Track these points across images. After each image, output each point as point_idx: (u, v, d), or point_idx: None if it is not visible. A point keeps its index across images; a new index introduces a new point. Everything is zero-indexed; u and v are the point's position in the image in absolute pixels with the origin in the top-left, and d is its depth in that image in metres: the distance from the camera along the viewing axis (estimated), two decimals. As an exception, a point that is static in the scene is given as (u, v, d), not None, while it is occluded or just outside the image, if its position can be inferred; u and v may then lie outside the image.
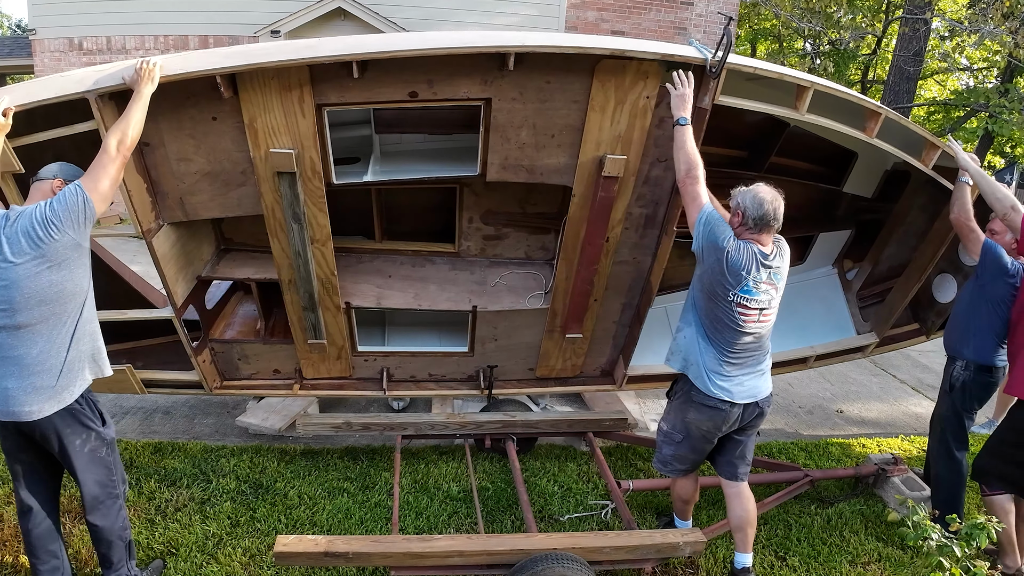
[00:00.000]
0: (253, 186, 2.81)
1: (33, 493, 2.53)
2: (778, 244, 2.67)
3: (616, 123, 2.77)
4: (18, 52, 11.76)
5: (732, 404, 2.71)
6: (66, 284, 2.31)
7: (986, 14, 11.13)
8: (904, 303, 3.98)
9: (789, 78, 2.83)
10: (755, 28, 18.45)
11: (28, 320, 2.26)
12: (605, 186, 2.89)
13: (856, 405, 5.48)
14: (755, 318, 2.61)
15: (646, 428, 4.68)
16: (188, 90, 2.53)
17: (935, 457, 3.52)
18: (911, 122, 3.23)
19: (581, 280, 3.25)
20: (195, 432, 4.36)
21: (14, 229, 2.24)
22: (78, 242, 2.31)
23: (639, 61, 2.62)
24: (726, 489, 2.96)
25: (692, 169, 2.60)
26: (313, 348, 3.46)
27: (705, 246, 2.58)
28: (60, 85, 2.47)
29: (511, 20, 10.09)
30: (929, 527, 2.34)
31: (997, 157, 18.48)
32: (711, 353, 2.70)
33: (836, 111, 3.00)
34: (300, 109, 2.59)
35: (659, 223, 3.19)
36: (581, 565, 2.62)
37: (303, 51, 2.47)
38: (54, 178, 2.43)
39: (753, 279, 2.55)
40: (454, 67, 2.58)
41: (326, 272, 3.14)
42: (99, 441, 2.52)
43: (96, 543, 2.65)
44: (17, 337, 2.27)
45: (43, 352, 2.31)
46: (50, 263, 2.25)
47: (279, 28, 9.30)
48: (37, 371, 2.31)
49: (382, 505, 3.56)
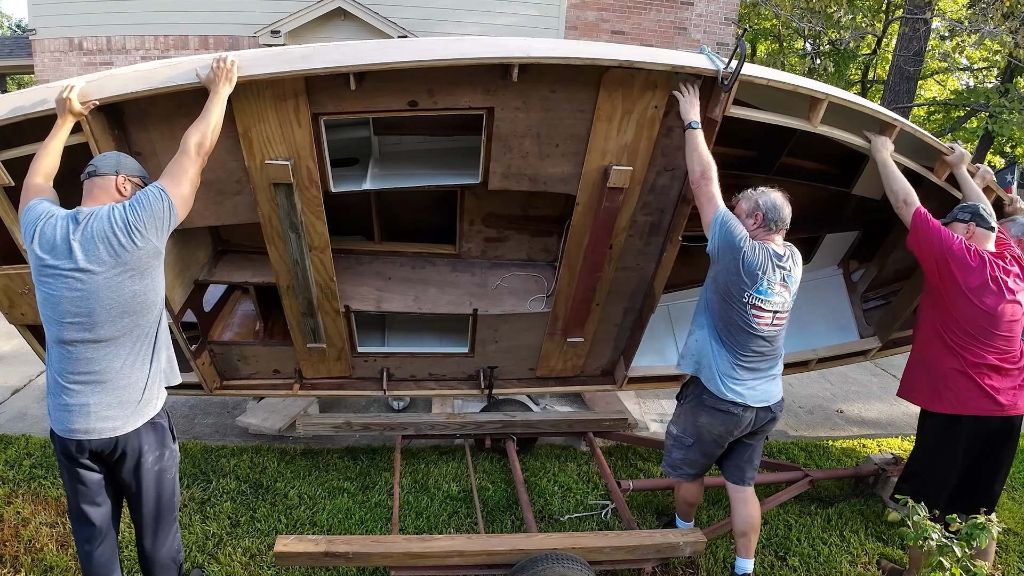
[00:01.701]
0: (249, 195, 2.75)
1: (99, 516, 2.34)
2: (790, 249, 2.69)
3: (623, 133, 2.71)
4: (18, 52, 11.74)
5: (745, 408, 2.70)
6: (148, 294, 2.16)
7: (986, 14, 11.13)
8: (909, 310, 3.95)
9: (803, 90, 2.75)
10: (755, 28, 18.44)
11: (111, 334, 2.12)
12: (610, 196, 2.84)
13: (856, 405, 5.48)
14: (769, 320, 2.62)
15: (646, 428, 4.68)
16: (179, 99, 2.45)
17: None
18: (924, 133, 3.15)
19: (584, 287, 3.22)
20: (195, 432, 4.36)
21: (89, 233, 2.06)
22: (159, 249, 2.17)
23: (648, 71, 2.55)
24: (732, 493, 2.95)
25: (706, 171, 2.58)
26: (313, 352, 3.45)
27: (720, 246, 2.57)
28: (44, 98, 2.38)
29: (511, 20, 10.08)
30: (929, 527, 2.34)
31: (997, 157, 18.46)
32: (724, 356, 2.69)
33: (850, 122, 2.95)
34: (296, 119, 2.52)
35: (664, 231, 3.16)
36: (581, 565, 2.63)
37: (297, 62, 2.38)
38: (116, 174, 2.20)
39: (768, 280, 2.56)
40: (455, 76, 2.52)
41: (325, 278, 3.11)
42: (171, 460, 2.38)
43: (147, 570, 2.47)
44: (98, 351, 2.12)
45: (127, 365, 2.17)
46: (132, 272, 2.10)
47: (279, 28, 9.29)
48: (122, 385, 2.17)
49: (382, 505, 3.56)
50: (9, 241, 2.72)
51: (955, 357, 2.88)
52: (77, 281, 2.06)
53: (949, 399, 2.90)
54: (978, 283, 2.78)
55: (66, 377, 2.15)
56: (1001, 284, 2.79)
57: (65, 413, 2.17)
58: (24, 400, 4.74)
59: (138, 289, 2.13)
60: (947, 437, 2.95)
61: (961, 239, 2.83)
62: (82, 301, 2.07)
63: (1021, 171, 14.16)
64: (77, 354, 2.13)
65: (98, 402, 2.14)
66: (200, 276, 3.37)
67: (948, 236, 2.82)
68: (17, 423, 4.37)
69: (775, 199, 2.63)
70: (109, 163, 2.20)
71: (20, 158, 2.47)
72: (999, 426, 2.90)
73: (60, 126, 2.28)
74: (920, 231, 2.86)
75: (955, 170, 3.17)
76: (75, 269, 2.06)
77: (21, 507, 3.39)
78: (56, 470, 3.71)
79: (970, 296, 2.79)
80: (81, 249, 2.05)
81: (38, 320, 3.00)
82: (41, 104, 2.37)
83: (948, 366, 2.90)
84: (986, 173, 3.26)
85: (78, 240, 2.06)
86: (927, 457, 3.05)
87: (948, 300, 2.85)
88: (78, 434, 2.16)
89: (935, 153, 3.21)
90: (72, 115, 2.28)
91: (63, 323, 2.11)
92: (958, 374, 2.87)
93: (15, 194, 2.60)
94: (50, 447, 3.94)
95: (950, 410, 2.91)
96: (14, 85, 21.64)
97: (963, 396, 2.87)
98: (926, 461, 3.06)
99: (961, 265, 2.79)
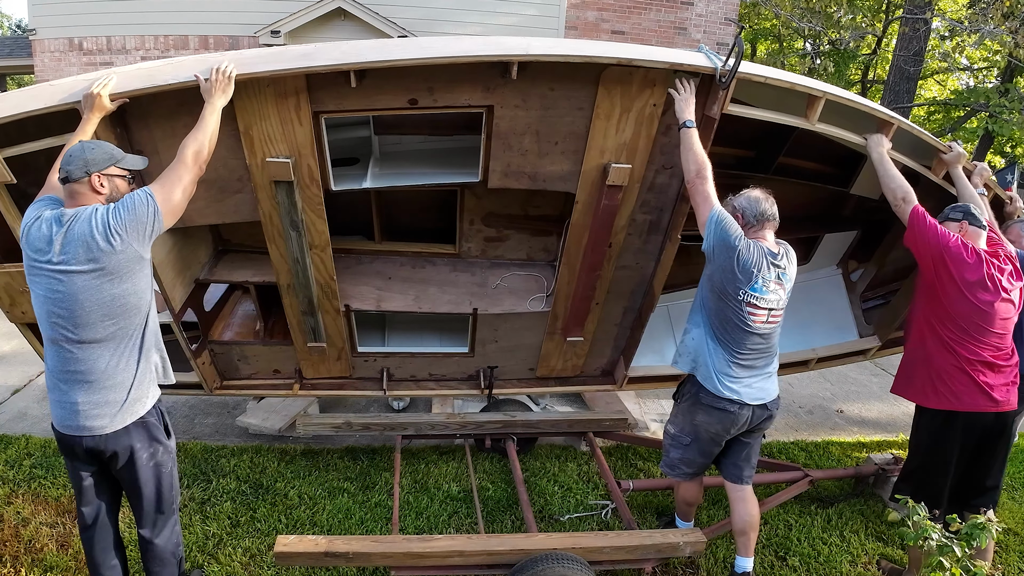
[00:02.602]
0: (250, 193, 2.76)
1: (96, 508, 2.41)
2: (784, 247, 2.71)
3: (622, 131, 2.73)
4: (18, 52, 11.74)
5: (741, 406, 2.72)
6: (130, 297, 2.15)
7: (986, 14, 11.13)
8: (908, 309, 3.94)
9: (801, 88, 2.77)
10: (755, 28, 18.44)
11: (93, 335, 2.13)
12: (609, 194, 2.86)
13: (856, 405, 5.48)
14: (764, 318, 2.64)
15: (646, 428, 4.68)
16: (180, 97, 2.45)
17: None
18: (922, 131, 3.16)
19: (583, 285, 3.22)
20: (195, 432, 4.36)
21: (71, 235, 2.06)
22: (141, 254, 2.15)
23: (646, 69, 2.57)
24: (730, 492, 2.96)
25: (702, 170, 2.60)
26: (313, 351, 3.46)
27: (716, 245, 2.58)
28: (50, 95, 2.40)
29: (511, 20, 10.08)
30: (929, 527, 2.34)
31: (997, 157, 18.46)
32: (720, 354, 2.71)
33: (848, 120, 2.96)
34: (297, 117, 2.52)
35: (663, 229, 3.16)
36: (581, 565, 2.63)
37: (298, 60, 2.40)
38: (87, 175, 2.12)
39: (763, 277, 2.58)
40: (455, 74, 2.53)
41: (325, 277, 3.12)
42: (166, 455, 2.39)
43: (148, 561, 2.51)
44: (83, 351, 2.14)
45: (111, 366, 2.18)
46: (111, 276, 2.09)
47: (279, 28, 9.29)
48: (108, 385, 2.18)
49: (382, 505, 3.56)
50: (10, 238, 2.72)
51: (950, 353, 2.89)
52: (58, 282, 2.08)
53: (945, 395, 2.91)
54: (974, 279, 2.79)
55: (57, 375, 2.20)
56: (996, 282, 2.80)
57: (59, 409, 2.23)
58: (24, 400, 4.74)
59: (118, 293, 2.12)
60: (943, 433, 2.95)
61: (957, 236, 2.85)
62: (63, 302, 2.08)
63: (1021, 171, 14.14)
64: (64, 353, 2.16)
65: (85, 401, 2.17)
66: (201, 275, 3.38)
67: (944, 233, 2.83)
68: (17, 423, 4.37)
69: (749, 195, 2.68)
70: (77, 166, 2.12)
71: (23, 155, 2.48)
72: (992, 422, 2.91)
73: (88, 121, 2.28)
74: (917, 228, 2.86)
75: (951, 169, 3.18)
76: (56, 271, 2.07)
77: (21, 507, 3.39)
78: (56, 470, 3.71)
79: (966, 292, 2.80)
80: (62, 250, 2.06)
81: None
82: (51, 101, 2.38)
83: (943, 362, 2.90)
84: (983, 171, 3.27)
85: (60, 241, 2.06)
86: (924, 455, 3.06)
87: (943, 296, 2.86)
88: (70, 431, 2.21)
89: (933, 152, 3.22)
90: (101, 111, 2.30)
91: (50, 323, 2.14)
92: (954, 370, 2.88)
93: (15, 191, 2.61)
94: (50, 447, 3.95)
95: (945, 406, 2.91)
96: (14, 85, 21.63)
97: (958, 392, 2.88)
98: (923, 459, 3.07)
99: (957, 261, 2.80)
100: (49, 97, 2.40)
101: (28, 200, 2.33)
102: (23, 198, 2.54)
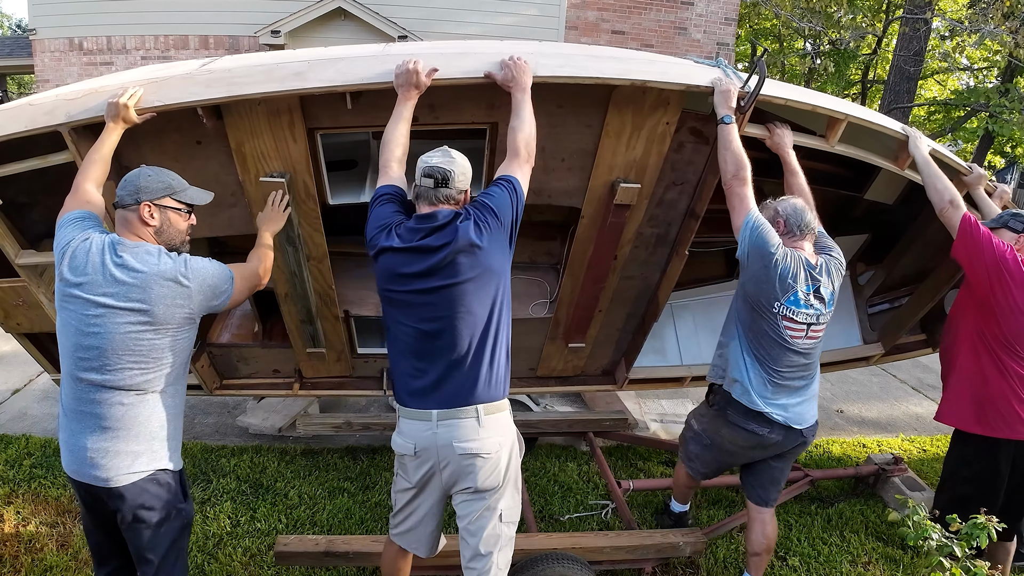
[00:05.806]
0: (244, 207, 2.67)
1: (97, 546, 2.21)
2: (824, 259, 2.57)
3: (632, 149, 2.61)
4: (18, 52, 11.76)
5: (772, 428, 2.56)
6: (166, 351, 1.99)
7: (986, 14, 11.13)
8: (915, 319, 3.90)
9: (823, 110, 2.65)
10: (755, 28, 18.45)
11: (118, 381, 1.94)
12: (616, 212, 2.76)
13: (856, 405, 5.48)
14: (803, 333, 2.48)
15: (646, 428, 4.68)
16: (169, 115, 2.33)
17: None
18: (943, 151, 3.01)
19: (586, 295, 3.16)
20: (195, 432, 4.36)
21: (125, 271, 1.90)
22: (193, 318, 2.02)
23: (660, 88, 2.44)
24: (751, 511, 2.82)
25: (740, 170, 2.44)
26: (312, 356, 3.44)
27: (751, 251, 2.44)
28: (29, 117, 2.26)
29: (512, 20, 10.08)
30: (929, 527, 2.34)
31: (997, 157, 18.47)
32: (756, 371, 2.55)
33: (868, 141, 2.88)
34: (291, 134, 2.41)
35: (670, 242, 3.09)
36: (581, 565, 2.62)
37: (291, 80, 2.26)
38: (137, 204, 1.98)
39: (800, 290, 2.43)
40: (458, 92, 2.43)
41: (324, 286, 3.07)
42: (177, 520, 2.11)
43: None
44: (102, 393, 1.94)
45: (131, 416, 1.97)
46: (156, 327, 1.94)
47: (279, 28, 9.29)
48: (123, 436, 1.97)
49: (382, 505, 3.56)
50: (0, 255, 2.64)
51: (1003, 377, 2.73)
52: (96, 316, 1.90)
53: (995, 422, 2.75)
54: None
55: (71, 413, 2.01)
56: None
57: (66, 452, 2.04)
58: (24, 400, 4.74)
59: (158, 344, 1.96)
60: (993, 461, 2.81)
61: (1012, 248, 2.66)
62: (95, 338, 1.90)
63: (1021, 171, 14.12)
64: (81, 392, 1.96)
65: (95, 447, 1.96)
66: None
67: (1000, 246, 2.63)
68: (17, 423, 4.37)
69: (795, 203, 2.55)
70: (129, 191, 1.98)
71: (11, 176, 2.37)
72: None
73: (110, 132, 2.15)
74: (970, 239, 2.65)
75: (972, 191, 3.08)
76: (96, 302, 1.89)
77: (21, 507, 3.39)
78: (56, 470, 3.71)
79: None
80: (111, 284, 1.89)
81: (35, 328, 2.97)
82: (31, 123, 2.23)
83: (996, 387, 2.74)
84: (1004, 193, 3.18)
85: (111, 274, 1.89)
86: (972, 484, 2.86)
87: (1000, 314, 2.67)
88: (71, 473, 2.04)
89: (953, 172, 3.11)
90: (125, 124, 2.16)
91: (75, 357, 1.95)
92: (1009, 395, 2.72)
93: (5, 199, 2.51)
94: (50, 447, 3.95)
95: (997, 434, 2.76)
96: (14, 85, 21.65)
97: (1010, 419, 2.73)
98: (972, 487, 2.85)
99: (1018, 279, 2.60)
100: (29, 120, 2.25)
101: (20, 208, 2.24)
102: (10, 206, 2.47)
